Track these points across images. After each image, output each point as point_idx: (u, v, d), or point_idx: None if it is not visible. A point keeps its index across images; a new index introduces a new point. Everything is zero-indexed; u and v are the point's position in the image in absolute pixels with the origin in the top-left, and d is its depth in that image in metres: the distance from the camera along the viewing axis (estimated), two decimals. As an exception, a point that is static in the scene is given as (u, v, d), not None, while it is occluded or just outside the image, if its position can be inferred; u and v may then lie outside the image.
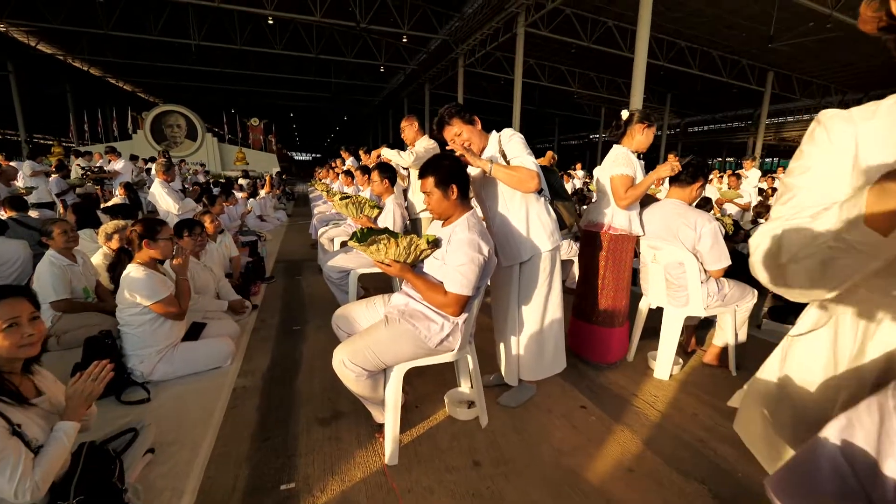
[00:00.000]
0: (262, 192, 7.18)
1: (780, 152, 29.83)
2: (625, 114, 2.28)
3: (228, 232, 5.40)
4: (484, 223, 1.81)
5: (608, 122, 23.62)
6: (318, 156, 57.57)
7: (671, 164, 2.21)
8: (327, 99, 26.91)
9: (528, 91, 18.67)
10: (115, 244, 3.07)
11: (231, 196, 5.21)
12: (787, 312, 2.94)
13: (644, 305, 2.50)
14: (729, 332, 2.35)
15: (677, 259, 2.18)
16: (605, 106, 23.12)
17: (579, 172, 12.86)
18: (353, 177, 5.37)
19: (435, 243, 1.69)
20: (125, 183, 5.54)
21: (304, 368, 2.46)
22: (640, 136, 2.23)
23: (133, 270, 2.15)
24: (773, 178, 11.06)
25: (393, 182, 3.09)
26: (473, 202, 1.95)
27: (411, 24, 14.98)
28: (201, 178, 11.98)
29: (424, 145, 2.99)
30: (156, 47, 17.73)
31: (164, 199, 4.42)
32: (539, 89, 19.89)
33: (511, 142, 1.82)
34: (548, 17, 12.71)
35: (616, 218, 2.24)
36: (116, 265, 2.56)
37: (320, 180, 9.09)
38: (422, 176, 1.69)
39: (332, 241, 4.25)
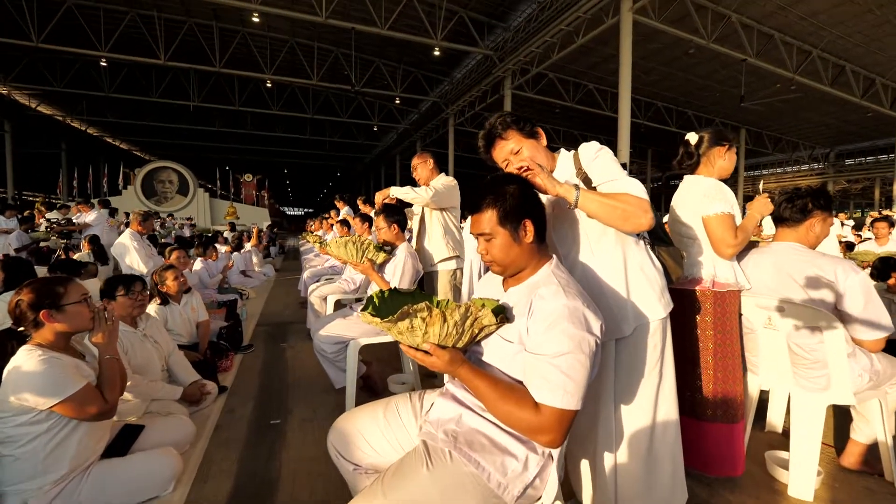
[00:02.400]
0: (248, 245, 6.47)
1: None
2: (692, 137, 1.74)
3: (208, 289, 4.63)
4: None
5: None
6: (310, 210, 57.71)
7: (765, 200, 1.66)
8: (321, 156, 27.23)
9: (515, 148, 19.09)
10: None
11: (210, 249, 4.51)
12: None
13: (755, 388, 1.81)
14: (878, 423, 1.66)
15: (810, 323, 1.54)
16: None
17: None
18: (349, 227, 4.76)
19: (502, 314, 1.01)
20: (91, 236, 4.80)
21: (281, 493, 1.63)
22: (723, 162, 1.67)
23: (23, 359, 1.38)
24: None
25: (403, 227, 2.46)
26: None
27: (403, 88, 15.41)
28: (187, 233, 11.26)
29: (443, 182, 2.42)
30: (154, 108, 17.79)
31: (131, 254, 3.69)
32: (525, 146, 20.42)
33: (599, 160, 1.21)
34: (533, 80, 13.18)
35: (719, 269, 1.61)
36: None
37: (312, 232, 8.48)
38: (474, 209, 1.05)
39: (324, 300, 3.51)
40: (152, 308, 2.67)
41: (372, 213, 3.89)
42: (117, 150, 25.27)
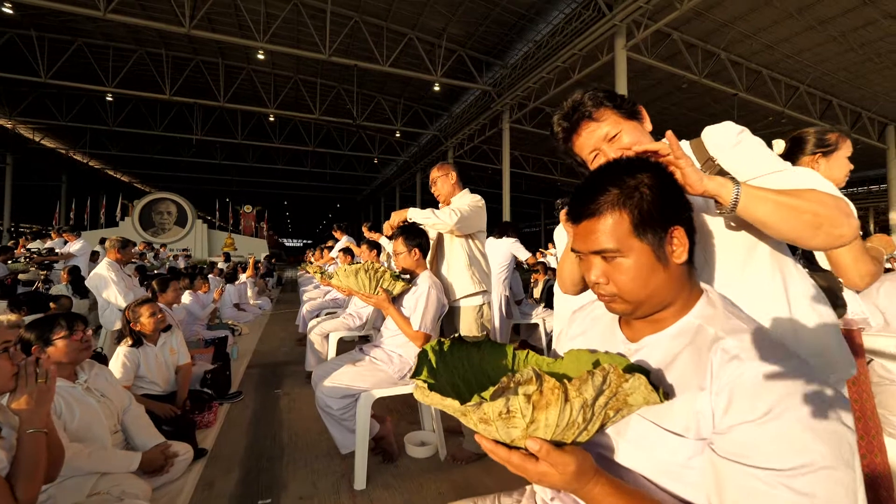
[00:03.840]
0: (243, 277, 6.01)
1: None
2: (778, 145, 1.39)
3: (198, 324, 4.14)
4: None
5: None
6: (308, 242, 57.46)
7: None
8: (321, 187, 27.23)
9: (515, 179, 19.11)
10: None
11: (199, 280, 4.05)
12: None
13: (895, 457, 1.37)
14: None
15: None
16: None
17: (553, 250, 12.35)
18: (352, 255, 4.36)
19: (661, 388, 0.59)
20: (71, 266, 4.35)
21: None
22: (837, 171, 1.32)
23: None
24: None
25: (426, 252, 2.06)
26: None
27: (404, 121, 15.54)
28: (181, 264, 10.77)
29: (469, 202, 2.02)
30: (157, 140, 17.76)
31: (108, 287, 3.23)
32: (525, 178, 20.51)
33: (744, 145, 0.84)
34: (530, 114, 13.31)
35: (850, 302, 1.22)
36: None
37: (312, 262, 8.05)
38: (581, 212, 0.66)
39: (325, 338, 3.05)
40: (121, 351, 2.21)
41: (381, 239, 3.50)
42: (118, 183, 25.09)
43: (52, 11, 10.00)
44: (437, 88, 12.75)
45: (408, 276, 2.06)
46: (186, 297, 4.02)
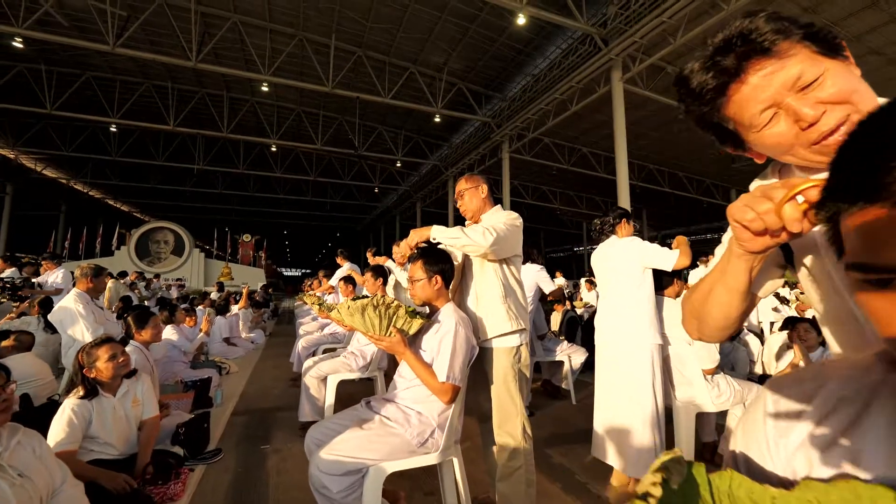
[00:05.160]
0: (235, 308, 5.52)
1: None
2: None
3: (180, 364, 3.64)
4: None
5: (589, 236, 24.23)
6: (307, 271, 56.83)
7: None
8: (321, 216, 27.06)
9: (515, 208, 18.84)
10: None
11: (179, 312, 3.59)
12: None
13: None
14: None
15: None
16: (585, 221, 23.93)
17: (559, 280, 12.01)
18: (354, 284, 3.93)
19: None
20: (43, 298, 3.90)
21: None
22: None
23: None
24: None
25: (449, 281, 1.65)
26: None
27: (405, 152, 15.56)
28: (174, 294, 10.26)
29: (505, 220, 1.63)
30: (159, 170, 17.63)
31: (75, 321, 2.78)
32: (525, 206, 20.45)
33: None
34: (529, 144, 13.34)
35: None
36: None
37: (309, 292, 7.58)
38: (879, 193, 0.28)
39: (322, 381, 2.59)
40: (69, 404, 1.75)
41: (388, 263, 3.10)
42: (117, 212, 24.80)
43: (63, 46, 10.06)
44: (437, 120, 12.82)
45: (426, 310, 1.65)
46: (170, 332, 3.55)
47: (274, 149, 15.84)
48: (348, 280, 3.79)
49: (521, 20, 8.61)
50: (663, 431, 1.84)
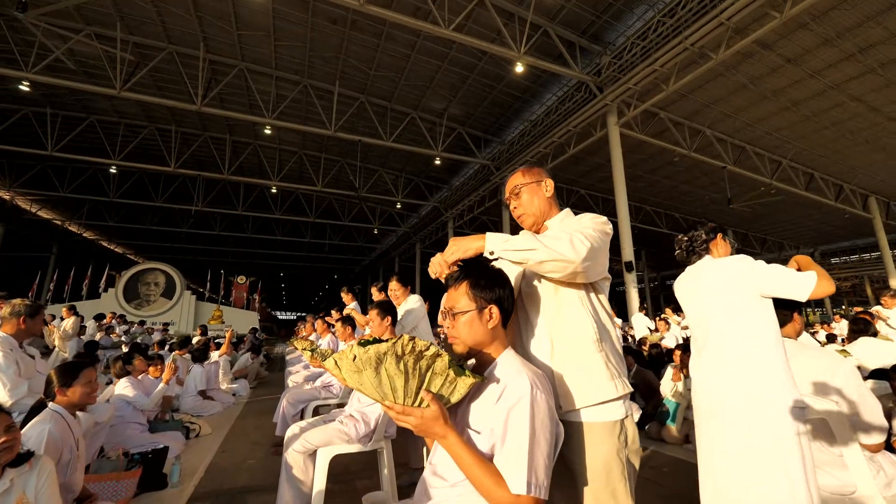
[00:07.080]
0: (215, 356, 4.75)
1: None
2: None
3: (134, 426, 2.88)
4: None
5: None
6: (303, 315, 55.05)
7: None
8: (319, 258, 26.48)
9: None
10: None
11: (138, 360, 2.89)
12: None
13: None
14: None
15: None
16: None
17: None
18: (353, 326, 3.30)
19: None
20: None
21: None
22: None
23: None
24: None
25: (509, 314, 1.05)
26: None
27: (405, 193, 15.44)
28: (156, 337, 9.37)
29: (593, 225, 1.06)
30: (156, 211, 17.23)
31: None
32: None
33: None
34: (528, 186, 13.26)
35: None
36: None
37: (300, 337, 6.83)
38: None
39: (311, 456, 1.91)
40: None
41: (399, 294, 2.51)
42: (109, 253, 24.05)
43: (70, 90, 10.02)
44: (438, 162, 12.79)
45: (472, 363, 1.07)
46: (123, 387, 2.85)
47: (274, 190, 15.66)
48: (346, 321, 3.17)
49: (518, 69, 8.75)
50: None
